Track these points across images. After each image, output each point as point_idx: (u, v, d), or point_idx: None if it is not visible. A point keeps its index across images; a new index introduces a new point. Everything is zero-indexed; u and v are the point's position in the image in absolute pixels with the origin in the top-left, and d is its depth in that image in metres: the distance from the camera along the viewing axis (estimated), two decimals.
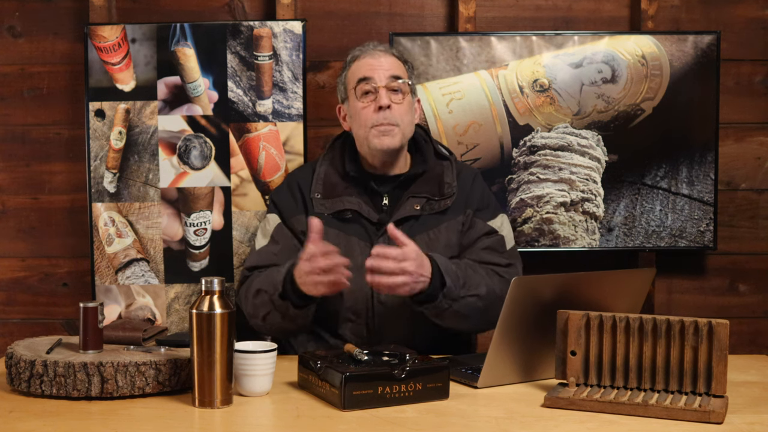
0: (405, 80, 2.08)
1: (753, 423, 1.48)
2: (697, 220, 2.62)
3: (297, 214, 2.10)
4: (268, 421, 1.53)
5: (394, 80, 2.06)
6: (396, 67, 2.09)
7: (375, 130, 2.04)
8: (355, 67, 2.11)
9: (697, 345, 1.52)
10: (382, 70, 2.07)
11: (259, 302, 1.98)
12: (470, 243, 2.08)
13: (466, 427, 1.46)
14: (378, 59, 2.09)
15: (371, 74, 2.06)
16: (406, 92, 2.08)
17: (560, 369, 1.62)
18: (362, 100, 2.06)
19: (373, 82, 2.05)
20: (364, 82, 2.06)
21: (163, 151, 2.55)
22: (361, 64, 2.10)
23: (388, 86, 2.05)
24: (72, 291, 2.73)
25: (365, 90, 2.06)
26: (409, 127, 2.09)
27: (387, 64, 2.08)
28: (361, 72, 2.08)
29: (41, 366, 1.59)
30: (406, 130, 2.08)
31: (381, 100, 2.04)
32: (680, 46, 2.59)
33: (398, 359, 1.62)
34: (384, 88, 2.05)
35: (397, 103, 2.05)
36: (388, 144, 2.04)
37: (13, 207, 2.72)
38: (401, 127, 2.05)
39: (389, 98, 2.04)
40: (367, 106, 2.06)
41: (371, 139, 2.05)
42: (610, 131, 2.61)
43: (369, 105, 2.05)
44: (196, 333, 1.54)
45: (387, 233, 1.88)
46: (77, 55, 2.65)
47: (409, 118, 2.08)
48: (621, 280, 1.82)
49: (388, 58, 2.10)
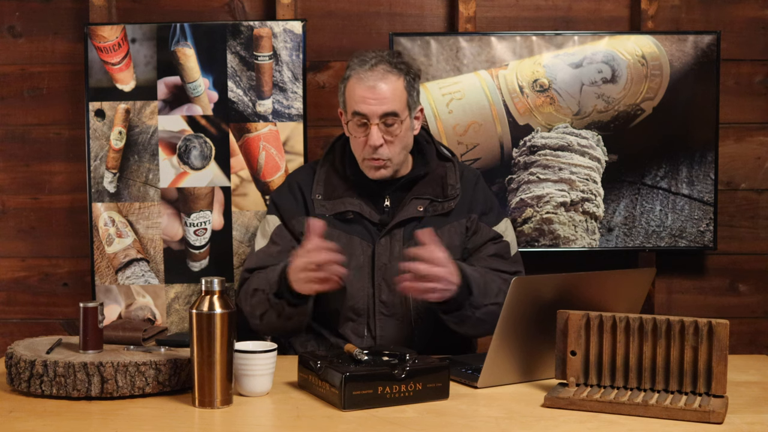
0: (399, 117, 2.00)
1: (753, 423, 1.48)
2: (697, 220, 2.62)
3: (297, 216, 2.10)
4: (268, 421, 1.53)
5: (388, 117, 1.99)
6: (392, 100, 1.99)
7: (368, 161, 2.03)
8: (351, 89, 2.02)
9: (697, 345, 1.52)
10: (377, 104, 1.98)
11: (256, 301, 1.98)
12: (475, 248, 2.08)
13: (466, 427, 1.46)
14: (373, 89, 1.98)
15: (365, 110, 1.98)
16: (401, 122, 2.02)
17: (560, 369, 1.62)
18: (356, 132, 2.03)
19: (365, 119, 2.00)
20: (357, 116, 2.01)
21: (163, 151, 2.55)
22: (356, 89, 2.00)
23: (383, 122, 1.99)
24: (72, 291, 2.73)
25: (359, 122, 2.01)
26: (403, 153, 2.06)
27: (382, 96, 1.98)
28: (356, 104, 2.00)
29: (41, 366, 1.58)
30: (400, 158, 2.05)
31: (372, 139, 1.99)
32: (680, 46, 2.59)
33: (398, 359, 1.62)
34: (377, 126, 1.99)
35: (390, 141, 2.01)
36: (380, 176, 2.04)
37: (13, 207, 2.72)
38: (394, 160, 2.03)
39: (382, 136, 1.99)
40: (360, 138, 2.02)
41: (365, 169, 2.05)
42: (610, 131, 2.61)
43: (363, 138, 2.02)
44: (196, 333, 1.54)
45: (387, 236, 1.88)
46: (77, 55, 2.65)
47: (403, 143, 2.05)
48: (621, 280, 1.82)
49: (387, 84, 1.99)
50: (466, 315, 1.92)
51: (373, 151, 2.00)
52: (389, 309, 2.03)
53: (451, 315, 1.93)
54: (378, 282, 2.03)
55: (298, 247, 1.89)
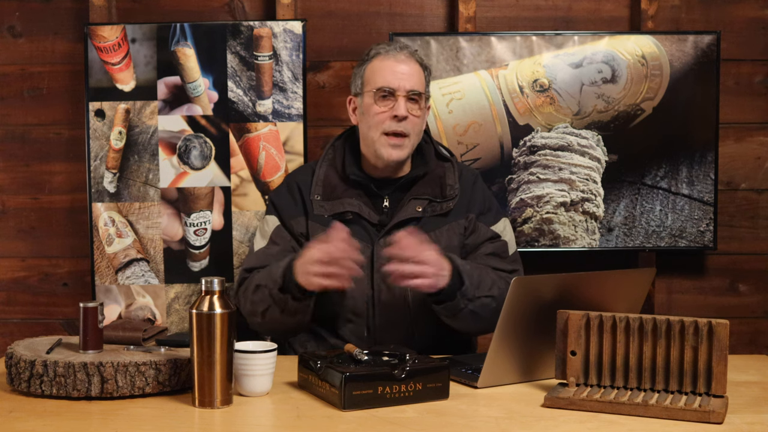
0: (423, 96, 2.08)
1: (753, 423, 1.48)
2: (697, 220, 2.62)
3: (296, 216, 2.10)
4: (268, 421, 1.53)
5: (414, 94, 2.05)
6: (418, 80, 2.07)
7: (386, 138, 2.04)
8: (377, 67, 2.08)
9: (697, 345, 1.52)
10: (405, 80, 2.05)
11: (258, 298, 1.98)
12: (473, 248, 2.09)
13: (466, 427, 1.46)
14: (401, 66, 2.06)
15: (393, 84, 2.04)
16: (424, 103, 2.09)
17: (560, 369, 1.62)
18: (379, 104, 2.05)
19: (392, 92, 2.04)
20: (385, 90, 2.05)
21: (163, 151, 2.55)
22: (384, 66, 2.07)
23: (408, 96, 2.05)
24: (72, 291, 2.73)
25: (383, 95, 2.05)
26: (418, 136, 2.10)
27: (409, 73, 2.06)
28: (384, 78, 2.06)
29: (41, 366, 1.58)
30: (416, 140, 2.09)
31: (399, 110, 2.03)
32: (680, 46, 2.59)
33: (398, 359, 1.62)
34: (403, 98, 2.04)
35: (414, 115, 2.05)
36: (396, 156, 2.05)
37: (13, 207, 2.72)
38: (411, 139, 2.06)
39: (407, 109, 2.04)
40: (383, 111, 2.05)
41: (380, 148, 2.05)
42: (610, 131, 2.61)
43: (385, 111, 2.05)
44: (196, 333, 1.54)
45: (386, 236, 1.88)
46: (77, 55, 2.65)
47: (420, 128, 2.10)
48: (621, 280, 1.82)
49: (411, 66, 2.07)
50: (459, 307, 1.92)
51: (398, 122, 2.03)
52: (388, 310, 2.02)
53: (443, 306, 1.93)
54: (377, 283, 2.03)
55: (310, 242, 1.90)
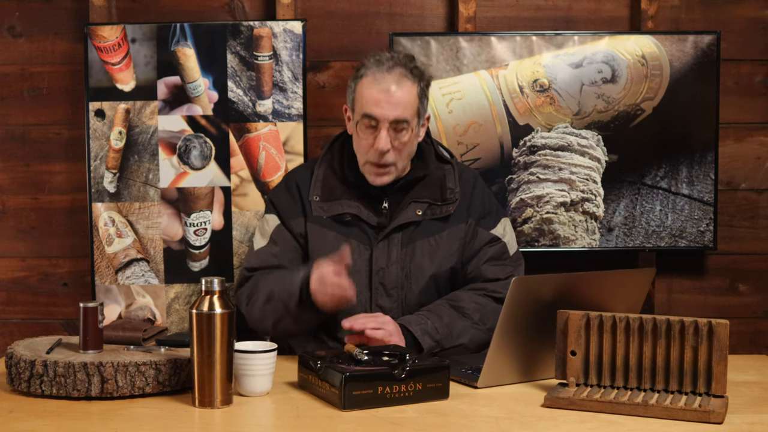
0: (410, 124, 2.00)
1: (753, 423, 1.48)
2: (697, 220, 2.62)
3: (296, 217, 2.10)
4: (268, 421, 1.53)
5: (398, 123, 1.98)
6: (405, 106, 1.98)
7: (370, 167, 2.02)
8: (364, 90, 1.99)
9: (697, 345, 1.52)
10: (390, 109, 1.96)
11: (270, 309, 1.98)
12: (473, 254, 2.08)
13: (466, 427, 1.46)
14: (388, 93, 1.97)
15: (377, 113, 1.97)
16: (410, 130, 2.01)
17: (560, 369, 1.62)
18: (363, 133, 2.01)
19: (375, 122, 1.98)
20: (368, 118, 1.99)
21: (163, 151, 2.55)
22: (370, 93, 1.98)
23: (392, 126, 1.98)
24: (72, 291, 2.73)
25: (368, 124, 1.99)
26: (407, 158, 2.06)
27: (397, 99, 1.97)
28: (368, 105, 1.98)
29: (41, 366, 1.59)
30: (404, 163, 2.05)
31: (380, 143, 1.97)
32: (680, 46, 2.59)
33: (398, 359, 1.62)
34: (386, 130, 1.98)
35: (397, 148, 2.00)
36: (380, 183, 2.04)
37: (13, 207, 2.72)
38: (398, 164, 2.03)
39: (390, 141, 1.98)
40: (366, 140, 2.01)
41: (366, 173, 2.04)
42: (610, 131, 2.61)
43: (369, 140, 2.00)
44: (196, 333, 1.54)
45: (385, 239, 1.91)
46: (77, 55, 2.65)
47: (409, 151, 2.04)
48: (621, 280, 1.82)
49: (401, 88, 1.98)
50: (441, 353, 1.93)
51: (380, 156, 1.99)
52: (386, 313, 2.00)
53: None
54: (375, 286, 2.03)
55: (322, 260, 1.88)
